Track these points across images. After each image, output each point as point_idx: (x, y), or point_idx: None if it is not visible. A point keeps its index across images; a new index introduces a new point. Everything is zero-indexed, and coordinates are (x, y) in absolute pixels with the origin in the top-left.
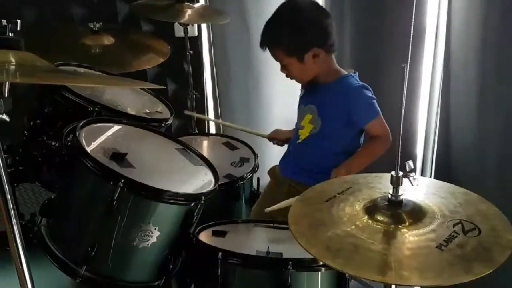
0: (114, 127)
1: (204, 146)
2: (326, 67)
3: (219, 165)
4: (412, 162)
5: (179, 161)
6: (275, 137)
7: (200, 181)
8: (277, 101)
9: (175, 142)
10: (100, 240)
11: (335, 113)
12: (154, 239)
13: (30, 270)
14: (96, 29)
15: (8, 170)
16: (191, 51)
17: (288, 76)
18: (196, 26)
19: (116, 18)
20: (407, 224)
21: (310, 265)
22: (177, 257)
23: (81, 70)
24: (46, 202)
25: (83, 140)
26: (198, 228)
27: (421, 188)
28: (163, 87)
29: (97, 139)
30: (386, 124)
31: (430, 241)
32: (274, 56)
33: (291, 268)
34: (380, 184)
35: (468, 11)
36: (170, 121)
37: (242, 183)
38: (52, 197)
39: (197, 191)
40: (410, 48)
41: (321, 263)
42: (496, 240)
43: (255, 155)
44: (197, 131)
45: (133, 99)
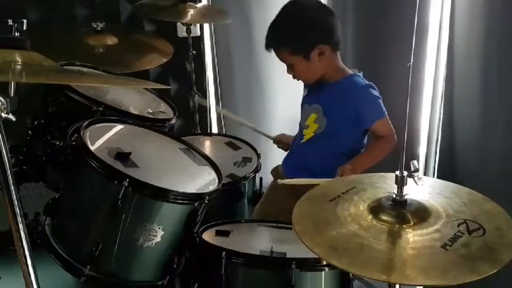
0: (118, 127)
1: (207, 146)
2: (332, 66)
3: (222, 165)
4: (417, 161)
5: (183, 161)
6: (281, 141)
7: (204, 181)
8: (280, 101)
9: (179, 142)
10: (105, 240)
11: (341, 113)
12: (158, 239)
13: (35, 269)
14: (99, 29)
15: (13, 170)
16: (194, 51)
17: (295, 77)
18: (199, 26)
19: (119, 18)
20: (412, 224)
21: (314, 265)
22: (181, 257)
23: (85, 70)
24: (51, 202)
25: (88, 140)
26: (202, 228)
27: (426, 188)
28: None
29: (101, 139)
30: (391, 124)
31: (435, 241)
32: (280, 58)
33: (295, 268)
34: (385, 184)
35: (472, 7)
36: (173, 121)
37: (245, 183)
38: (57, 197)
39: (201, 191)
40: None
41: (325, 263)
42: (501, 240)
43: (258, 155)
44: (200, 131)
45: (137, 99)
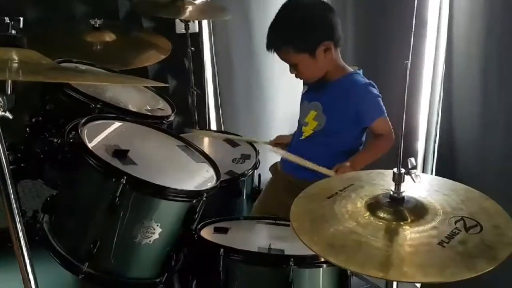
0: (116, 124)
1: (206, 143)
2: (334, 63)
3: (221, 162)
4: (414, 159)
5: (181, 158)
6: (279, 143)
7: (202, 178)
8: (279, 97)
9: (177, 139)
10: (103, 237)
11: (341, 111)
12: (156, 236)
13: (33, 267)
14: (97, 26)
15: (10, 167)
16: (192, 48)
17: (298, 76)
18: (197, 23)
19: (117, 15)
20: (409, 221)
21: (312, 262)
22: (179, 254)
23: (83, 67)
24: (49, 199)
25: (85, 137)
26: (200, 225)
27: (424, 185)
28: (165, 85)
29: (99, 136)
30: (390, 122)
31: (432, 238)
32: (283, 57)
33: (293, 265)
34: (383, 181)
35: (471, 4)
36: (172, 118)
37: (244, 180)
38: (54, 194)
39: (199, 188)
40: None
41: (323, 260)
42: (499, 237)
43: (256, 152)
44: (199, 128)
45: (135, 96)
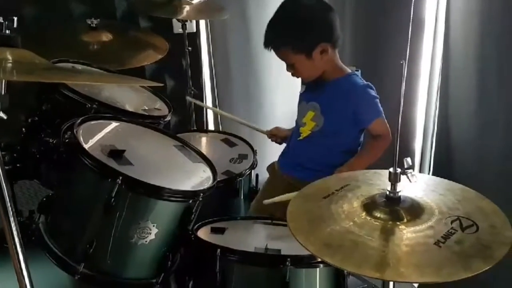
0: (112, 124)
1: (203, 143)
2: (332, 64)
3: (218, 162)
4: (410, 159)
5: (178, 158)
6: (275, 134)
7: (199, 178)
8: (277, 98)
9: (174, 139)
10: (99, 238)
11: (339, 112)
12: (153, 236)
13: (28, 268)
14: (94, 26)
15: (6, 168)
16: (190, 48)
17: (295, 75)
18: (194, 22)
19: (114, 15)
20: (405, 221)
21: (309, 262)
22: (176, 254)
23: (79, 67)
24: (45, 200)
25: (81, 137)
26: (197, 225)
27: (420, 185)
28: (162, 85)
29: (95, 136)
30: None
31: (428, 238)
32: (281, 56)
33: (289, 265)
34: (379, 181)
35: (468, 4)
36: (169, 118)
37: (241, 180)
38: (50, 194)
39: (196, 188)
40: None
41: (319, 260)
42: (495, 237)
43: (254, 152)
44: (196, 128)
45: (131, 96)
